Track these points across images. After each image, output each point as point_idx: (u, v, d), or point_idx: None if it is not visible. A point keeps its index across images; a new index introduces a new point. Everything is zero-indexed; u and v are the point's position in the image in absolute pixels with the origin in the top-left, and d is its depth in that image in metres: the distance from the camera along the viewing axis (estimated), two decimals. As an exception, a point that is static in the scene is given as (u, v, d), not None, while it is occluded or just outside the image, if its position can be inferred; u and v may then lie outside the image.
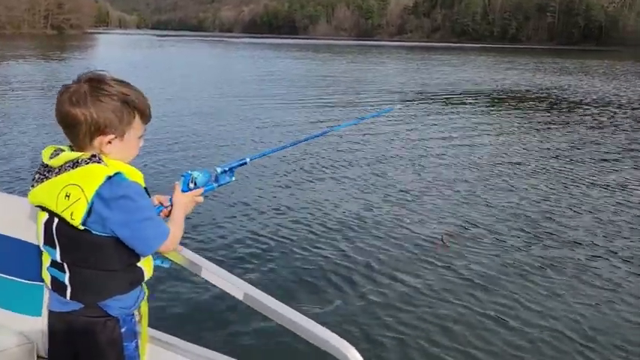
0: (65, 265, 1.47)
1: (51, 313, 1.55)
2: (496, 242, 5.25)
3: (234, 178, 1.72)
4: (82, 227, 1.38)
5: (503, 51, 72.23)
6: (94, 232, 1.40)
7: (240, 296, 1.57)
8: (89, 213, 1.37)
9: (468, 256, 4.87)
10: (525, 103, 17.09)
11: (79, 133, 1.41)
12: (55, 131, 1.43)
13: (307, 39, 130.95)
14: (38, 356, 1.75)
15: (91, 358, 1.52)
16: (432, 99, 17.47)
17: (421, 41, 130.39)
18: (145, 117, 1.50)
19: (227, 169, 1.70)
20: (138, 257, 1.50)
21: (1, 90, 15.87)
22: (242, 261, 4.61)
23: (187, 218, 1.66)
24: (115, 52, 42.44)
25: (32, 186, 1.47)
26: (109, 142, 1.44)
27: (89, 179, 1.37)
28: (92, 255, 1.43)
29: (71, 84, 1.43)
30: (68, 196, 1.37)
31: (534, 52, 70.32)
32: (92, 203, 1.36)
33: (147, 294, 1.63)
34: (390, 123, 12.20)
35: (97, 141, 1.42)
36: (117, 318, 1.50)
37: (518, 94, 19.76)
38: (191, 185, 1.64)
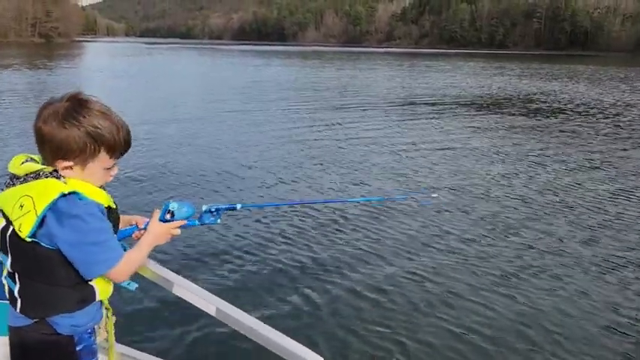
0: (16, 275, 1.45)
1: (10, 328, 1.53)
2: (471, 248, 5.25)
3: (219, 221, 1.66)
4: (29, 240, 1.37)
5: (490, 57, 72.88)
6: (42, 244, 1.39)
7: (212, 311, 1.58)
8: (40, 226, 1.36)
9: (442, 263, 4.87)
10: (512, 109, 17.22)
11: (45, 149, 1.42)
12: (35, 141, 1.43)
13: (296, 45, 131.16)
14: None
15: None
16: (419, 105, 17.55)
17: (409, 48, 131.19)
18: (114, 152, 1.46)
19: (214, 209, 1.64)
20: None
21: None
22: (214, 276, 4.48)
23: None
24: (101, 61, 42.20)
25: (2, 189, 1.47)
26: (70, 168, 1.43)
27: (43, 194, 1.36)
28: (39, 267, 1.42)
29: (54, 100, 1.43)
30: (22, 207, 1.37)
31: (522, 58, 71.01)
32: (43, 217, 1.35)
33: (109, 312, 1.61)
34: (376, 128, 12.28)
35: (56, 163, 1.42)
36: (70, 336, 1.47)
37: (506, 100, 19.93)
38: (167, 216, 1.60)
